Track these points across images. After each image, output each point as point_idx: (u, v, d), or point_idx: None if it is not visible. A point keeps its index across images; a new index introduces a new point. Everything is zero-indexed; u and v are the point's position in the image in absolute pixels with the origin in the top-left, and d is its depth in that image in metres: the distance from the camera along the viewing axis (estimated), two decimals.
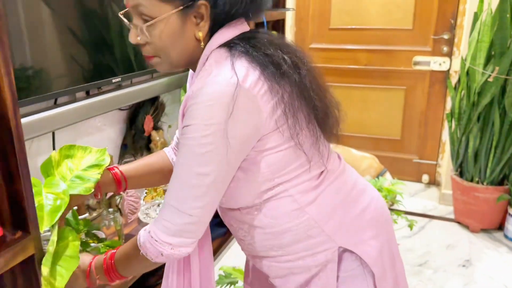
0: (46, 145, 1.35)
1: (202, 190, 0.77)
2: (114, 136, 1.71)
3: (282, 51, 0.82)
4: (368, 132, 3.19)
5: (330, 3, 3.04)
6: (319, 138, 0.86)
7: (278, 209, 0.86)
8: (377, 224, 0.94)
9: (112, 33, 1.50)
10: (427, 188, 3.12)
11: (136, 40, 0.83)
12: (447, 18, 2.78)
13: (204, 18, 0.80)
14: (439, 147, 3.04)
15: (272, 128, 0.80)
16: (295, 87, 0.81)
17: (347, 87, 3.14)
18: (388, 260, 0.94)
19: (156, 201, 1.56)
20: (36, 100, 1.20)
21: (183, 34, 0.81)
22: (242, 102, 0.75)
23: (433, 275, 2.19)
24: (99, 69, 1.45)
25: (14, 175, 0.83)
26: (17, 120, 0.81)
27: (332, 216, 0.88)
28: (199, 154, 0.76)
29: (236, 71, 0.75)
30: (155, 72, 1.80)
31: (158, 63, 0.86)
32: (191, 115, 0.75)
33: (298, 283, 0.91)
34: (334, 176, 0.90)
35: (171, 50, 0.82)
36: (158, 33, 0.80)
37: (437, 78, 2.92)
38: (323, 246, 0.87)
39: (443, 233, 2.57)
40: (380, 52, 3.00)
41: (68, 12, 1.33)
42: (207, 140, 0.74)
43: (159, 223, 0.80)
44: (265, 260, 0.93)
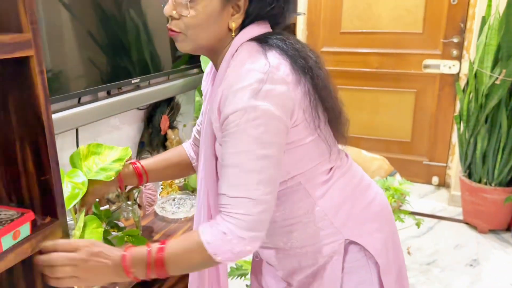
0: (70, 141, 1.45)
1: (270, 172, 0.77)
2: (132, 134, 1.80)
3: (306, 49, 0.86)
4: (378, 134, 3.23)
5: (341, 7, 3.10)
6: (331, 135, 0.91)
7: (291, 201, 0.89)
8: (381, 217, 0.98)
9: (131, 37, 1.59)
10: (436, 190, 3.16)
11: (171, 13, 0.84)
12: (456, 22, 2.82)
13: (240, 11, 0.83)
14: (449, 149, 3.07)
15: (301, 119, 0.83)
16: (319, 83, 0.84)
17: (358, 89, 3.19)
18: (392, 251, 0.97)
19: (172, 196, 1.64)
20: (62, 98, 1.29)
21: (218, 20, 0.83)
22: (277, 88, 0.77)
23: (440, 273, 2.23)
24: (119, 71, 1.55)
25: (45, 166, 0.92)
26: (48, 115, 0.90)
27: (341, 208, 0.91)
28: (256, 136, 0.76)
29: (270, 61, 0.79)
30: (172, 73, 1.88)
31: (182, 40, 0.86)
32: (235, 101, 0.76)
33: (305, 275, 0.94)
34: (342, 172, 0.94)
35: (202, 30, 0.84)
36: (198, 11, 0.82)
37: (447, 81, 2.96)
38: (330, 238, 0.91)
39: (452, 234, 2.60)
40: (391, 55, 3.05)
41: (90, 18, 1.42)
42: (260, 121, 0.75)
43: (232, 219, 0.77)
44: (274, 252, 0.96)
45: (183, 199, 1.64)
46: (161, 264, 0.79)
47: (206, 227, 0.80)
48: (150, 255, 0.79)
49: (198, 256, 0.79)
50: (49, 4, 1.24)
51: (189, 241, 0.81)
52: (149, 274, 0.80)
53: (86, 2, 1.38)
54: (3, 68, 0.88)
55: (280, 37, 0.85)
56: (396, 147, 3.21)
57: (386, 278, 0.93)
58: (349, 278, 0.93)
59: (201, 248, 0.78)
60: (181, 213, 1.55)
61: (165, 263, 0.79)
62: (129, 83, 1.56)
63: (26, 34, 0.83)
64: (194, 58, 1.98)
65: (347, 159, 0.99)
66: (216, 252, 0.77)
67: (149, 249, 0.80)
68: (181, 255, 0.80)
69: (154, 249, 0.80)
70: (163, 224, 1.53)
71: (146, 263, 0.79)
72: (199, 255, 0.78)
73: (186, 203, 1.62)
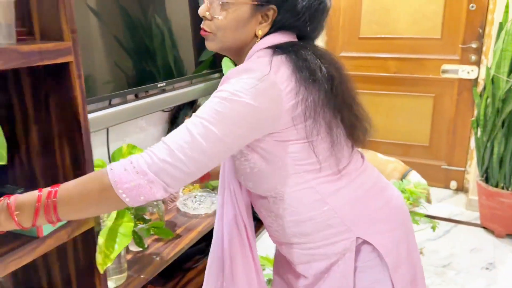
0: (101, 140, 1.56)
1: (203, 144, 0.78)
2: (157, 134, 1.91)
3: (321, 61, 0.89)
4: (397, 138, 3.25)
5: (360, 13, 3.15)
6: (338, 143, 0.92)
7: (300, 199, 0.93)
8: (395, 219, 1.00)
9: (157, 44, 1.69)
10: (455, 194, 3.16)
11: (204, 14, 0.92)
12: (475, 27, 2.84)
13: (268, 21, 0.91)
14: (468, 153, 3.07)
15: (287, 125, 0.86)
16: (323, 96, 0.87)
17: (376, 94, 3.23)
18: (404, 253, 0.99)
19: (193, 193, 1.74)
20: (94, 100, 1.40)
21: (246, 25, 0.91)
22: (268, 89, 0.82)
23: (456, 276, 2.25)
24: (146, 75, 1.65)
25: (80, 160, 1.02)
26: (85, 115, 1.00)
27: (352, 208, 0.94)
28: (214, 109, 0.80)
29: (271, 65, 0.84)
30: (194, 78, 1.98)
31: (211, 40, 0.94)
32: (222, 85, 0.85)
33: (319, 270, 0.98)
34: (356, 174, 0.97)
35: (230, 32, 0.91)
36: (228, 14, 0.89)
37: (465, 86, 2.97)
38: (342, 235, 0.94)
39: (468, 237, 2.61)
40: (409, 60, 3.08)
41: (119, 27, 1.53)
42: (227, 103, 0.80)
43: (144, 153, 0.78)
44: (289, 247, 1.00)
45: (204, 196, 1.73)
46: (53, 204, 0.75)
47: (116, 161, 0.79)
48: (40, 197, 0.76)
49: (96, 186, 0.76)
50: (81, 14, 1.36)
51: (90, 173, 0.80)
52: (35, 219, 0.76)
53: (115, 11, 1.49)
54: (46, 72, 0.98)
55: (294, 47, 0.89)
56: (415, 151, 3.23)
57: (395, 277, 0.95)
58: (363, 277, 0.96)
59: (102, 174, 0.76)
60: (202, 209, 1.64)
61: (56, 203, 0.75)
62: (155, 87, 1.67)
63: (67, 42, 0.93)
64: (215, 63, 2.08)
65: (362, 160, 1.02)
66: (116, 179, 0.74)
67: (39, 193, 0.77)
68: (77, 188, 0.77)
69: (46, 189, 0.77)
70: (185, 219, 1.62)
71: (34, 206, 0.76)
72: (98, 184, 0.76)
73: (206, 200, 1.71)
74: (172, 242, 1.49)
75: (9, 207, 0.75)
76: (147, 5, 1.62)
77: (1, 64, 0.80)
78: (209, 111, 0.80)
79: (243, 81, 0.82)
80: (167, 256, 1.41)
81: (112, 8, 1.48)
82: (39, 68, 0.99)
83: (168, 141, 0.78)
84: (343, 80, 0.93)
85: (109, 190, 0.75)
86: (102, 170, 0.78)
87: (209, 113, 0.80)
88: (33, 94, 1.03)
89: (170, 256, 1.40)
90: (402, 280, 0.97)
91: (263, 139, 0.88)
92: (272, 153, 0.89)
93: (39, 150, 1.05)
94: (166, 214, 1.61)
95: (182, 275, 1.70)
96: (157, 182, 0.76)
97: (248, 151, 0.91)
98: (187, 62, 1.91)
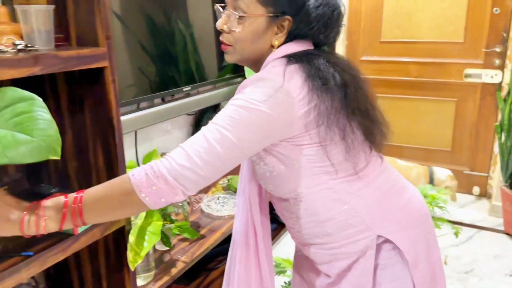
0: (129, 142, 1.61)
1: (219, 149, 0.81)
2: (182, 137, 1.95)
3: (335, 68, 0.91)
4: (419, 143, 3.23)
5: (381, 17, 3.15)
6: (353, 149, 0.93)
7: (320, 199, 0.95)
8: (414, 218, 1.02)
9: (181, 49, 1.74)
10: (477, 200, 3.12)
11: (222, 27, 0.96)
12: (499, 31, 2.81)
13: (284, 31, 0.93)
14: (491, 159, 3.03)
15: (300, 131, 0.89)
16: (337, 103, 0.89)
17: (398, 98, 3.21)
18: (423, 251, 1.00)
19: (216, 195, 1.77)
20: (124, 104, 1.45)
21: (262, 36, 0.94)
22: (281, 98, 0.85)
23: (479, 282, 2.23)
24: (172, 80, 1.70)
25: (113, 162, 1.06)
26: (118, 118, 1.04)
27: (372, 207, 0.96)
28: (229, 116, 0.83)
29: (285, 74, 0.87)
30: (218, 82, 2.02)
31: (231, 53, 0.97)
32: (238, 93, 0.88)
33: (341, 268, 1.00)
34: (374, 175, 0.99)
35: (247, 44, 0.95)
36: (245, 27, 0.92)
37: (489, 91, 2.94)
38: (362, 234, 0.95)
39: (491, 244, 2.58)
40: (431, 64, 3.06)
41: (147, 34, 1.58)
42: (243, 111, 0.83)
43: (164, 159, 0.82)
44: (312, 247, 1.02)
45: (227, 198, 1.76)
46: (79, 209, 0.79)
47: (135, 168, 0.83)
48: (67, 202, 0.80)
49: (119, 191, 0.80)
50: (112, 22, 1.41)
51: (112, 180, 0.83)
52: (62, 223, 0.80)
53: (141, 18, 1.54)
54: (82, 76, 1.03)
55: (309, 56, 0.92)
56: (437, 156, 3.20)
57: (415, 273, 0.97)
58: (384, 274, 0.98)
59: (124, 180, 0.80)
60: (225, 211, 1.67)
61: (82, 208, 0.79)
62: (181, 91, 1.71)
63: (102, 48, 0.97)
64: (237, 67, 2.11)
65: (381, 162, 1.04)
66: (138, 183, 0.79)
67: (66, 199, 0.81)
68: (102, 193, 0.81)
69: (72, 195, 0.81)
70: (209, 220, 1.65)
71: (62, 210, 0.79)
72: (121, 188, 0.80)
73: (229, 202, 1.74)
74: (197, 242, 1.52)
75: (38, 212, 0.79)
76: (171, 12, 1.67)
77: (42, 69, 0.84)
78: (224, 118, 0.84)
79: (258, 89, 0.85)
80: (192, 256, 1.44)
81: (139, 15, 1.53)
82: (74, 73, 1.04)
83: (186, 147, 0.82)
84: (358, 86, 0.95)
85: (131, 195, 0.79)
86: (124, 176, 0.82)
87: (224, 119, 0.83)
88: (68, 98, 1.07)
89: (195, 256, 1.44)
90: (421, 277, 0.99)
91: (279, 144, 0.91)
92: (289, 157, 0.92)
93: (74, 151, 1.10)
94: (190, 215, 1.65)
95: (205, 275, 1.73)
96: (176, 186, 0.80)
97: (266, 156, 0.94)
98: (211, 67, 1.96)
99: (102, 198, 0.82)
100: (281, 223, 2.38)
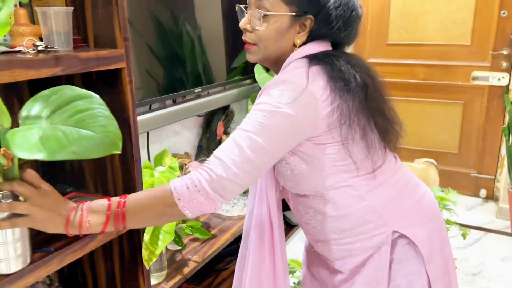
0: (141, 143, 1.62)
1: (253, 156, 0.84)
2: (192, 138, 1.97)
3: (355, 70, 0.94)
4: (425, 145, 3.23)
5: (388, 19, 3.16)
6: (373, 147, 0.97)
7: (340, 196, 0.97)
8: (428, 213, 1.05)
9: (192, 52, 1.76)
10: (484, 202, 3.12)
11: (245, 26, 0.98)
12: (506, 34, 2.81)
13: (306, 30, 0.96)
14: (498, 161, 3.03)
15: (324, 130, 0.91)
16: (357, 104, 0.92)
17: (404, 100, 3.22)
18: (437, 244, 1.03)
19: None
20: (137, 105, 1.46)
21: (285, 35, 0.96)
22: (305, 99, 0.87)
23: (487, 284, 2.22)
24: (183, 82, 1.71)
25: (128, 160, 1.07)
26: (134, 118, 1.05)
27: (389, 203, 0.99)
28: (260, 122, 0.85)
29: (308, 75, 0.90)
30: (227, 84, 2.04)
31: (254, 52, 0.99)
32: (263, 96, 0.89)
33: (355, 264, 1.02)
34: (390, 172, 1.02)
35: (271, 43, 0.97)
36: (269, 25, 0.95)
37: (496, 93, 2.94)
38: (379, 229, 0.98)
39: (499, 246, 2.58)
40: (438, 67, 3.07)
41: (159, 37, 1.60)
42: (271, 116, 0.86)
43: (203, 172, 0.84)
44: (327, 244, 1.03)
45: (237, 199, 1.77)
46: (122, 214, 0.81)
47: (178, 178, 0.86)
48: (110, 206, 0.82)
49: (162, 202, 0.83)
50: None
51: (156, 189, 0.86)
52: (105, 226, 0.81)
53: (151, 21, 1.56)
54: (99, 77, 1.04)
55: (331, 57, 0.94)
56: (443, 158, 3.20)
57: (430, 267, 1.00)
58: (399, 269, 1.00)
59: (166, 193, 0.83)
60: (235, 211, 1.68)
61: (125, 213, 0.82)
62: (192, 92, 1.73)
63: (120, 49, 0.99)
64: (247, 69, 2.13)
65: (395, 160, 1.07)
66: (180, 197, 0.82)
67: (109, 202, 0.83)
68: (144, 202, 0.84)
69: (115, 200, 0.83)
70: (219, 220, 1.67)
71: (105, 214, 0.81)
72: (164, 200, 0.83)
73: (239, 202, 1.75)
74: (208, 242, 1.53)
75: (82, 213, 0.81)
76: (181, 15, 1.69)
77: (63, 70, 0.86)
78: (253, 123, 0.86)
79: (283, 92, 0.88)
80: (204, 255, 1.45)
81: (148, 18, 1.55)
82: (91, 74, 1.05)
83: (222, 156, 0.84)
84: (376, 87, 0.98)
85: (173, 207, 0.83)
86: (166, 188, 0.84)
87: (253, 125, 0.86)
88: None
89: (207, 256, 1.45)
90: (435, 271, 1.01)
91: (303, 143, 0.93)
92: (311, 156, 0.94)
93: None
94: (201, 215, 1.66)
95: (215, 275, 1.74)
96: (217, 199, 0.83)
97: (289, 155, 0.96)
98: (221, 69, 1.97)
99: (145, 207, 0.84)
100: (290, 224, 2.39)
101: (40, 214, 0.77)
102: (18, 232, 0.79)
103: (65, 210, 0.80)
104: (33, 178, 0.79)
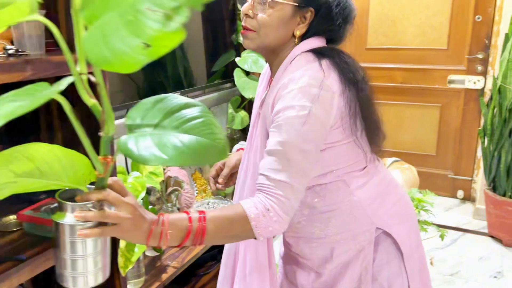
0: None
1: (306, 165, 0.89)
2: None
3: (355, 64, 0.99)
4: (404, 148, 3.27)
5: (367, 24, 3.20)
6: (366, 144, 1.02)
7: (330, 190, 1.01)
8: (406, 212, 1.10)
9: (172, 56, 1.74)
10: (462, 203, 3.17)
11: (248, 12, 0.98)
12: (481, 38, 2.88)
13: (306, 23, 0.98)
14: (474, 163, 3.09)
15: (338, 124, 0.95)
16: (359, 97, 0.96)
17: (383, 104, 3.21)
18: (415, 242, 1.08)
19: (206, 200, 1.77)
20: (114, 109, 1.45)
21: (286, 25, 0.97)
22: (326, 94, 0.91)
23: (464, 284, 2.26)
24: (164, 85, 1.70)
25: None
26: None
27: (375, 200, 1.03)
28: (302, 132, 0.88)
29: (323, 69, 0.92)
30: (207, 88, 2.03)
31: (252, 38, 0.98)
32: (287, 100, 0.90)
33: (337, 264, 1.03)
34: (377, 170, 1.06)
35: (271, 31, 0.97)
36: (272, 13, 0.95)
37: (472, 96, 3.00)
38: (364, 227, 1.01)
39: (476, 246, 2.63)
40: (416, 70, 3.12)
41: None
42: (306, 120, 0.88)
43: (275, 198, 0.86)
44: (309, 241, 1.05)
45: (216, 203, 1.76)
46: (202, 232, 0.80)
47: (250, 203, 0.86)
48: (191, 221, 0.80)
49: (239, 228, 0.85)
50: None
51: (232, 212, 0.86)
52: (183, 241, 0.80)
53: None
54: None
55: (334, 51, 0.98)
56: (421, 160, 3.25)
57: (408, 266, 1.04)
58: (381, 269, 1.03)
59: (244, 220, 0.85)
60: None
61: (206, 231, 0.81)
62: None
63: None
64: (227, 73, 2.12)
65: (379, 162, 1.11)
66: (257, 225, 0.85)
67: (189, 216, 0.81)
68: (223, 224, 0.85)
69: (195, 216, 0.82)
70: None
71: (186, 229, 0.79)
72: (241, 226, 0.85)
73: (219, 207, 1.74)
74: (187, 248, 1.52)
75: (164, 225, 0.77)
76: None
77: (34, 74, 0.84)
78: (289, 132, 0.88)
79: (305, 92, 0.89)
80: (183, 261, 1.44)
81: None
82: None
83: (282, 178, 0.86)
84: (368, 84, 1.02)
85: (250, 232, 0.85)
86: (243, 214, 0.85)
87: (296, 135, 0.88)
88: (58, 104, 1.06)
89: (185, 261, 1.43)
90: (413, 269, 1.05)
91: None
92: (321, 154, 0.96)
93: None
94: None
95: (195, 280, 1.72)
96: (287, 220, 0.88)
97: None
98: (201, 73, 1.96)
99: (223, 228, 0.85)
100: None
101: (128, 223, 0.73)
102: (100, 243, 0.72)
103: (149, 221, 0.76)
104: (121, 187, 0.75)
